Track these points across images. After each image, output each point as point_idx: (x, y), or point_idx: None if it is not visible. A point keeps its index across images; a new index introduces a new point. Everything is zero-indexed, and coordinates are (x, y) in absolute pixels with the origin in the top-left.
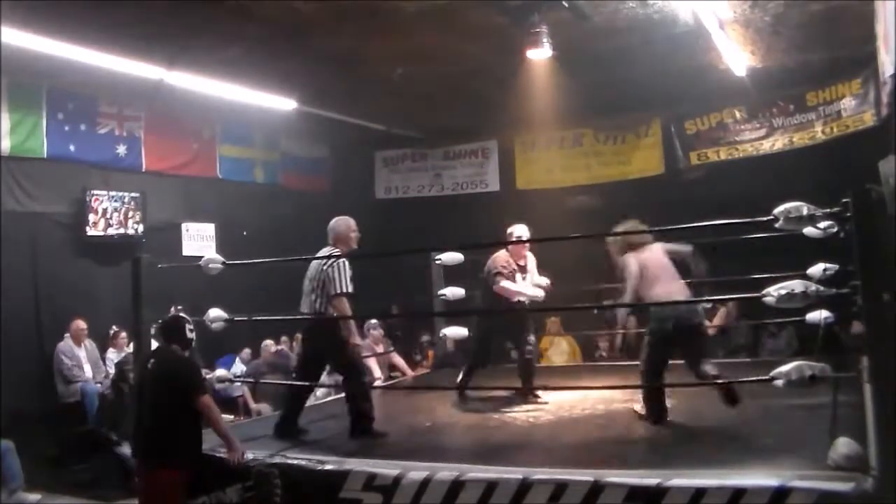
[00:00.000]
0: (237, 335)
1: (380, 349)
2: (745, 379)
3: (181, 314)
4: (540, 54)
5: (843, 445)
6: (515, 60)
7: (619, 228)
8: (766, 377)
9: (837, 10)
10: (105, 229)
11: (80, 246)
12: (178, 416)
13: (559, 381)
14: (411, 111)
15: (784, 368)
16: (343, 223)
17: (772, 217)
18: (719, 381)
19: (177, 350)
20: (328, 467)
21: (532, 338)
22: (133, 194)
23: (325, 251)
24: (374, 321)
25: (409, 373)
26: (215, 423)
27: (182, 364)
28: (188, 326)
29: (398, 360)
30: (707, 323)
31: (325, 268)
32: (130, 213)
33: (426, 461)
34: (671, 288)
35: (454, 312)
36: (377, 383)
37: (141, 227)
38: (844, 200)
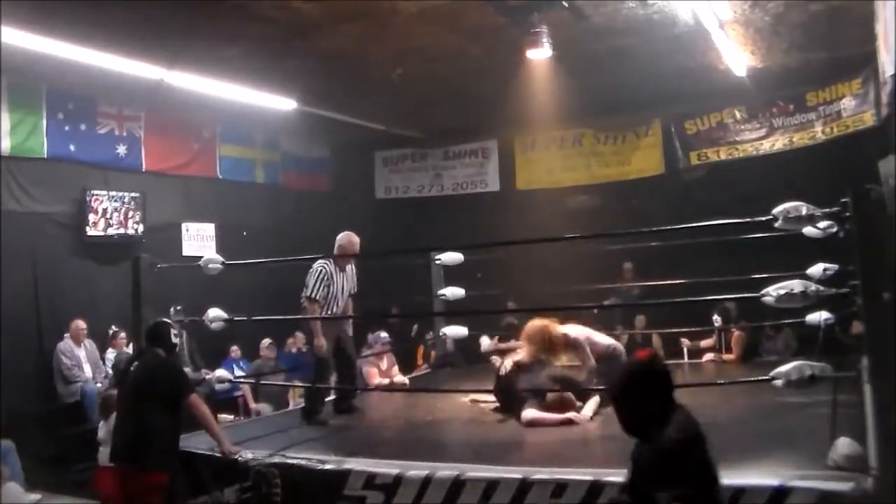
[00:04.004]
0: (241, 335)
1: (383, 365)
2: (745, 379)
3: (165, 319)
4: (540, 54)
5: (843, 445)
6: (515, 60)
7: None
8: (766, 377)
9: (837, 10)
10: (105, 229)
11: (80, 246)
12: (161, 419)
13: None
14: (411, 111)
15: (784, 368)
16: (346, 238)
17: (771, 217)
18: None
19: (160, 354)
20: (328, 467)
21: None
22: (133, 194)
23: (325, 258)
24: (383, 334)
25: (397, 380)
26: (203, 419)
27: (165, 367)
28: (172, 331)
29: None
30: (730, 357)
31: (310, 271)
32: (130, 213)
33: (426, 461)
34: None
35: (454, 312)
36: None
37: (141, 227)
38: (844, 200)
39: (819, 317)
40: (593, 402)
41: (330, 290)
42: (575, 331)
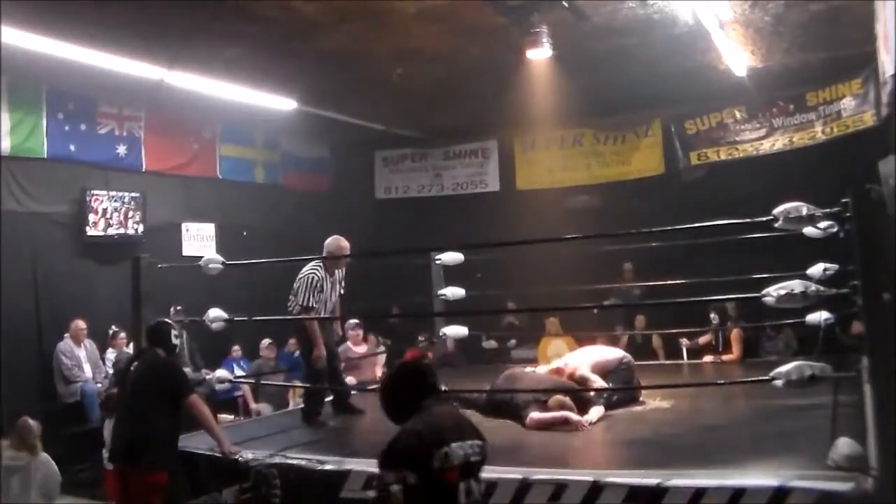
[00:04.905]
0: (241, 335)
1: (360, 350)
2: (745, 379)
3: (165, 319)
4: (540, 54)
5: (843, 445)
6: (515, 60)
7: None
8: (766, 377)
9: (837, 10)
10: (105, 229)
11: (80, 246)
12: (161, 419)
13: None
14: (411, 111)
15: (784, 368)
16: (335, 244)
17: (772, 217)
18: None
19: (160, 354)
20: (328, 467)
21: None
22: (133, 194)
23: (314, 263)
24: (352, 321)
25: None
26: (204, 420)
27: (165, 367)
28: (173, 332)
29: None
30: (730, 356)
31: (299, 277)
32: (130, 213)
33: None
34: None
35: (454, 312)
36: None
37: (141, 227)
38: (844, 200)
39: (819, 317)
40: (596, 411)
41: (321, 296)
42: (581, 361)
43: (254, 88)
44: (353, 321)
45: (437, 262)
